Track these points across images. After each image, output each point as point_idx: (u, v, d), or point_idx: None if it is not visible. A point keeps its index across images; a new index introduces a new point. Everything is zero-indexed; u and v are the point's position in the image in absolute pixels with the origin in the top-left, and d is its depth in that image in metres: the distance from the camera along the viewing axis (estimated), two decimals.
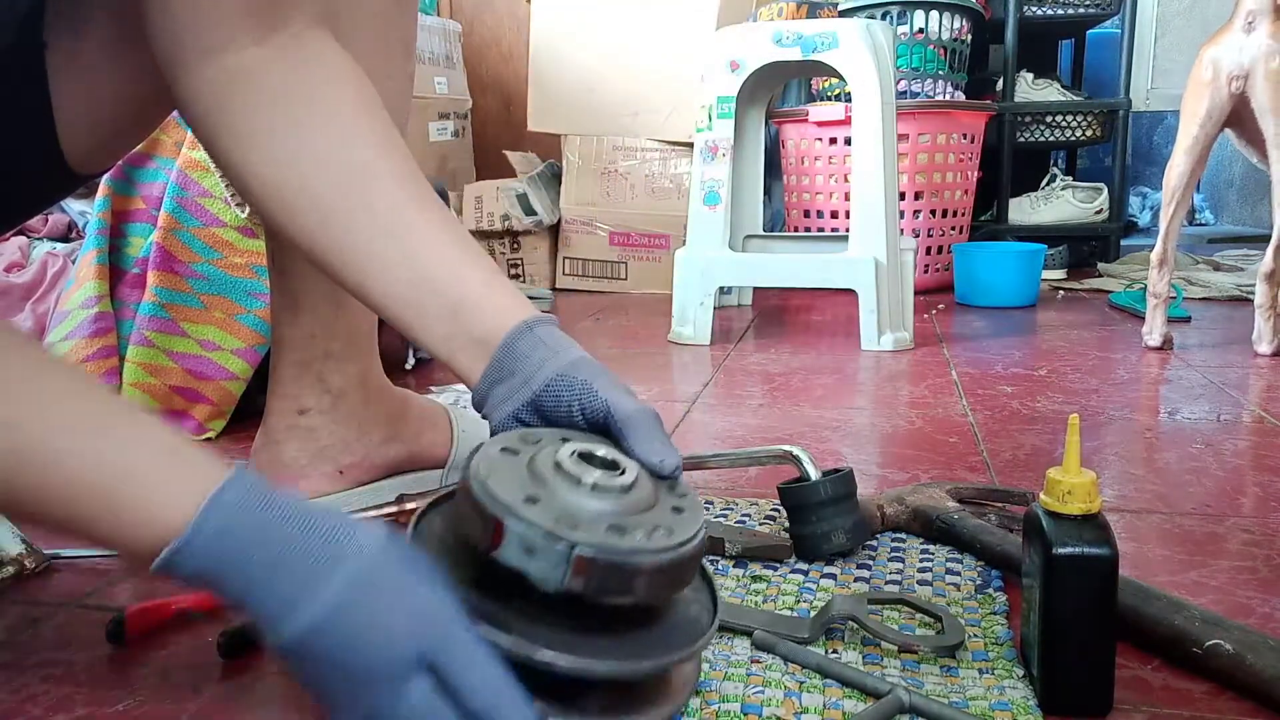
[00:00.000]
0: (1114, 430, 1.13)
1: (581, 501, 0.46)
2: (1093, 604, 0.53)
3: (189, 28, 0.58)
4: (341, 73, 0.62)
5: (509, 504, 0.44)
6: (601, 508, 0.46)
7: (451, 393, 1.27)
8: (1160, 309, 1.59)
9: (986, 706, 0.53)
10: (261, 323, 1.14)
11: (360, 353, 0.82)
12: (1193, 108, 1.52)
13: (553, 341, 0.56)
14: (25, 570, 0.73)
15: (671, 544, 0.45)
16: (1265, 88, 1.44)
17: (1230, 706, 0.55)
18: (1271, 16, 1.43)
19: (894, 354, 1.59)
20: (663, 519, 0.47)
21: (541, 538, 0.43)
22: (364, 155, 0.60)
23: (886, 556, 0.75)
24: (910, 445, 1.07)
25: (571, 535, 0.43)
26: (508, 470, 0.47)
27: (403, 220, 0.59)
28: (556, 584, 0.43)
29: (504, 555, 0.44)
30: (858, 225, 1.66)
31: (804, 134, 2.25)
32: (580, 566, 0.43)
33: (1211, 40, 1.51)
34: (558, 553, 0.43)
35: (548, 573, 0.43)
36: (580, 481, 0.46)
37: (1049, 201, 2.70)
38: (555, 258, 2.43)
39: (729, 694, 0.54)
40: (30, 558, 0.73)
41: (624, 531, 0.45)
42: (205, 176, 1.12)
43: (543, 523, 0.43)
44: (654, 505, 0.48)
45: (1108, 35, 3.21)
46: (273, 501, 0.45)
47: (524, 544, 0.43)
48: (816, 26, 1.70)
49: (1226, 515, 0.85)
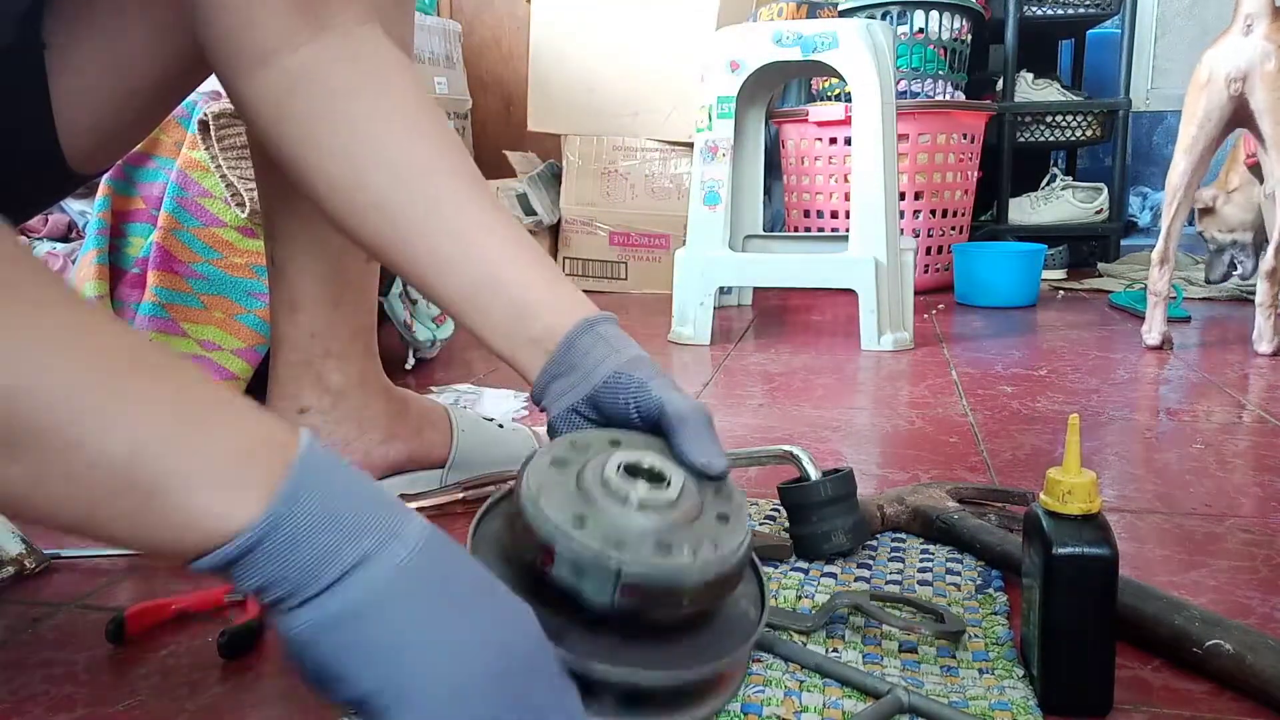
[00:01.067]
0: (1114, 430, 1.13)
1: (628, 519, 0.46)
2: (1093, 604, 0.53)
3: (241, 34, 0.58)
4: (396, 67, 0.62)
5: (559, 525, 0.45)
6: (647, 524, 0.46)
7: (451, 393, 1.27)
8: (1160, 307, 1.59)
9: (986, 706, 0.53)
10: (261, 323, 1.14)
11: (360, 352, 0.82)
12: (1192, 109, 1.54)
13: (613, 339, 0.57)
14: (25, 570, 0.73)
15: (716, 557, 0.46)
16: (1262, 89, 1.44)
17: (1230, 706, 0.55)
18: (1269, 19, 1.44)
19: (894, 354, 1.59)
20: (708, 530, 0.48)
21: (591, 560, 0.44)
22: (426, 153, 0.60)
23: (886, 556, 0.75)
24: (910, 445, 1.07)
25: (619, 556, 0.44)
26: (557, 487, 0.48)
27: (466, 219, 0.59)
28: (606, 603, 0.45)
29: (557, 574, 0.45)
30: (858, 225, 1.65)
31: (804, 134, 2.25)
32: (628, 589, 0.44)
33: (1213, 43, 1.52)
34: (606, 573, 0.44)
35: (598, 593, 0.44)
36: (627, 499, 0.47)
37: (1049, 201, 2.70)
38: (555, 258, 2.43)
39: None
40: (30, 557, 0.73)
41: (670, 549, 0.46)
42: (205, 176, 1.12)
43: (591, 544, 0.44)
44: (699, 515, 0.49)
45: (1108, 35, 3.21)
46: (340, 490, 0.40)
47: (575, 565, 0.45)
48: (816, 26, 1.70)
49: (1226, 515, 0.85)
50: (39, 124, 0.63)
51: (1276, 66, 1.43)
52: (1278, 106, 1.44)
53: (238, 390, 1.14)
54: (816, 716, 0.52)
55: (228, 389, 0.45)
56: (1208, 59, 1.51)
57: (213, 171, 1.11)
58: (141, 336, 0.41)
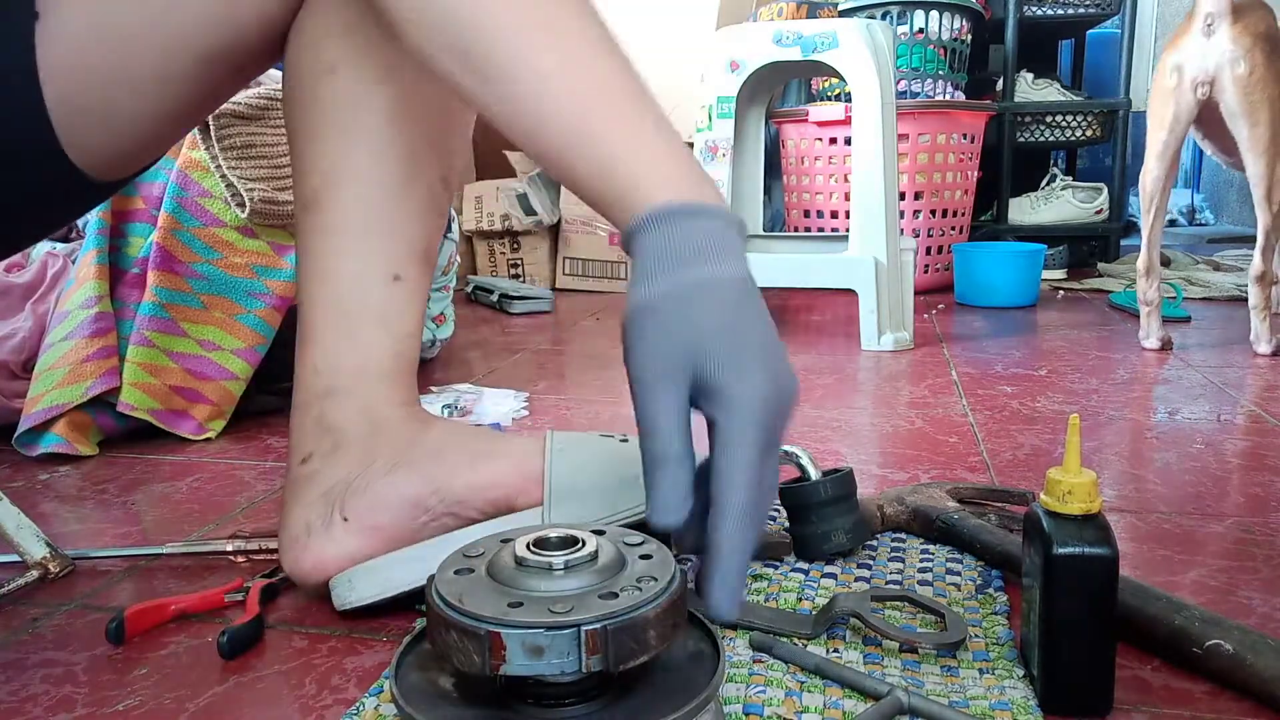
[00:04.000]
0: (1114, 430, 1.13)
1: (562, 585, 0.46)
2: (1093, 604, 0.53)
3: None
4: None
5: (497, 616, 0.44)
6: (581, 583, 0.46)
7: (452, 392, 1.27)
8: (1153, 314, 1.59)
9: (986, 706, 0.53)
10: (261, 323, 1.14)
11: (368, 388, 0.69)
12: (1160, 113, 1.52)
13: (679, 253, 0.51)
14: (49, 575, 0.72)
15: (663, 586, 0.46)
16: (1234, 92, 1.43)
17: (1230, 706, 0.55)
18: (1229, 19, 1.42)
19: (894, 354, 1.59)
20: (640, 569, 0.48)
21: (545, 634, 0.43)
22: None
23: (886, 556, 0.75)
24: (910, 445, 1.07)
25: (573, 619, 0.43)
26: (475, 587, 0.46)
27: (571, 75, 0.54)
28: (575, 670, 0.44)
29: (513, 667, 0.43)
30: (858, 225, 1.66)
31: (804, 134, 2.25)
32: (593, 643, 0.43)
33: (1171, 44, 1.50)
34: (566, 639, 0.43)
35: (562, 664, 0.43)
36: (550, 567, 0.46)
37: (1049, 201, 2.70)
38: (555, 258, 2.43)
39: (730, 695, 0.54)
40: (54, 561, 0.72)
41: (615, 595, 0.45)
42: (205, 176, 1.12)
43: (540, 619, 0.43)
44: (625, 561, 0.48)
45: (1108, 35, 3.21)
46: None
47: (530, 647, 0.43)
48: (816, 26, 1.70)
49: (1227, 515, 0.85)
50: (28, 106, 0.59)
51: (1248, 70, 1.41)
52: (1254, 111, 1.42)
53: (236, 391, 1.14)
54: (818, 717, 0.52)
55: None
56: (1170, 61, 1.48)
57: (213, 171, 1.11)
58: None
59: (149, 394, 1.09)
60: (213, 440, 1.12)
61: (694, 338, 0.48)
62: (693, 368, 0.48)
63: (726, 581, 0.47)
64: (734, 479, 0.47)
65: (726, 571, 0.47)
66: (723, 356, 0.48)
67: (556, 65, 0.53)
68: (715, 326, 0.48)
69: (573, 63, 0.54)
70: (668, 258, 0.50)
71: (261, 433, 1.14)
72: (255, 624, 0.63)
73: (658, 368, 0.49)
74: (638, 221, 0.51)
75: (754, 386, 0.48)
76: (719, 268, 0.50)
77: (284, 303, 1.15)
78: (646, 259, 0.50)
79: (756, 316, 0.50)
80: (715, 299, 0.49)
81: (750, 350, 0.49)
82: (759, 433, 0.48)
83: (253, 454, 1.07)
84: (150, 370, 1.09)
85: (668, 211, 0.50)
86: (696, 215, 0.51)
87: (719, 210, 0.52)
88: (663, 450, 0.48)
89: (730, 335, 0.49)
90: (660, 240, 0.50)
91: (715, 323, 0.49)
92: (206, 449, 1.09)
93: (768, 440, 0.48)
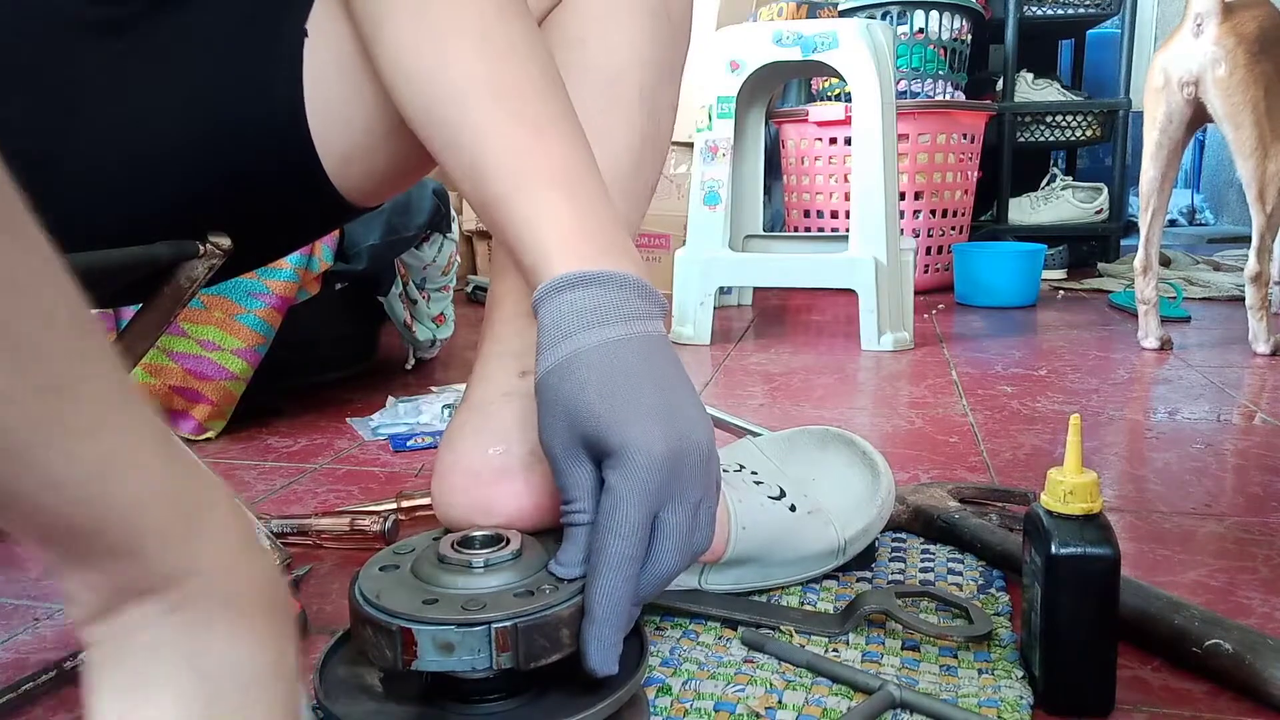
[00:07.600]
0: (1114, 430, 1.13)
1: (480, 583, 0.46)
2: (1093, 604, 0.53)
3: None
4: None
5: (410, 613, 0.44)
6: (500, 581, 0.46)
7: (451, 392, 1.27)
8: (1151, 314, 1.59)
9: (975, 704, 0.53)
10: (261, 323, 1.14)
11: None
12: (1152, 113, 1.52)
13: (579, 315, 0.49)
14: (64, 669, 0.60)
15: (579, 586, 0.46)
16: (1217, 95, 1.43)
17: (1230, 706, 0.55)
18: (1217, 19, 1.42)
19: (894, 354, 1.59)
20: None
21: (455, 631, 0.43)
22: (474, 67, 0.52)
23: (887, 557, 0.75)
24: (910, 445, 1.07)
25: (484, 616, 0.44)
26: (395, 585, 0.47)
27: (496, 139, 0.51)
28: (486, 667, 0.44)
29: (423, 663, 0.44)
30: (858, 225, 1.66)
31: (804, 134, 2.25)
32: (503, 640, 0.43)
33: (1164, 45, 1.50)
34: (477, 637, 0.43)
35: (473, 660, 0.44)
36: (470, 565, 0.47)
37: (1049, 201, 2.70)
38: None
39: (705, 692, 0.54)
40: (70, 660, 0.60)
41: (532, 594, 0.45)
42: None
43: (451, 616, 0.44)
44: (549, 559, 0.49)
45: (1108, 35, 3.21)
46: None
47: (439, 644, 0.43)
48: (816, 26, 1.70)
49: (1226, 515, 0.85)
50: (294, 125, 0.57)
51: (1227, 71, 1.40)
52: (1236, 113, 1.42)
53: (236, 391, 1.14)
54: (793, 713, 0.52)
55: None
56: (1160, 61, 1.48)
57: None
58: None
59: (149, 394, 1.09)
60: (213, 440, 1.12)
61: (578, 406, 0.48)
62: (582, 435, 0.48)
63: (599, 635, 0.46)
64: (610, 531, 0.47)
65: (601, 625, 0.46)
66: (606, 419, 0.47)
67: (493, 126, 0.51)
68: (597, 392, 0.48)
69: (507, 130, 0.51)
70: (556, 330, 0.49)
71: (262, 433, 1.14)
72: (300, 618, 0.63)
73: (556, 443, 0.49)
74: (536, 296, 0.50)
75: (640, 443, 0.47)
76: (605, 331, 0.49)
77: (284, 303, 1.15)
78: (541, 333, 0.50)
79: (647, 374, 0.49)
80: (596, 365, 0.48)
81: (637, 409, 0.48)
82: (643, 488, 0.47)
83: (253, 454, 1.07)
84: (150, 370, 1.09)
85: (560, 283, 0.49)
86: (588, 284, 0.49)
87: (612, 275, 0.50)
88: (574, 518, 0.49)
89: (613, 398, 0.48)
90: (552, 313, 0.49)
91: (596, 389, 0.48)
92: (206, 449, 1.09)
93: (660, 493, 0.47)
